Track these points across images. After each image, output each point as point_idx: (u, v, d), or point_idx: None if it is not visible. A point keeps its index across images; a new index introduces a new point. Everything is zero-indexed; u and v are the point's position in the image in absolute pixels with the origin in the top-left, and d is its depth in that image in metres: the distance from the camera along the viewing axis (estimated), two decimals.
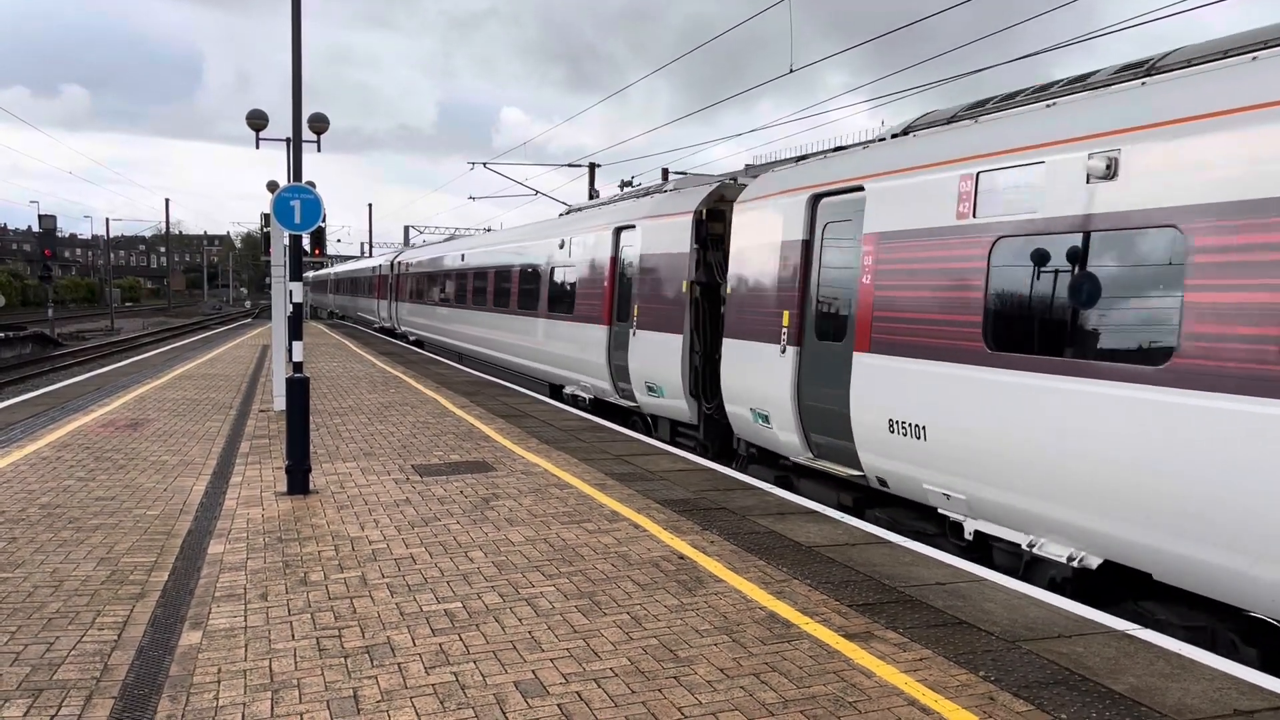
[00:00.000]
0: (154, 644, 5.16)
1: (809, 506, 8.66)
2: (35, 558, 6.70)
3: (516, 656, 5.05)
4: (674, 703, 4.51)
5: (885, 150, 9.08)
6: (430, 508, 8.41)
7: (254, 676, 4.74)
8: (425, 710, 4.39)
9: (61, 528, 7.51)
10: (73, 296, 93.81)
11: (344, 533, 7.53)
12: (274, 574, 6.43)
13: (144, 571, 6.45)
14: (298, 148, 10.44)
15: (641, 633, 5.42)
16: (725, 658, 5.07)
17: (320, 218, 9.62)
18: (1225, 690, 4.69)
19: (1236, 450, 5.38)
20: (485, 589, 6.18)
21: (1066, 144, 6.74)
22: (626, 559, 6.89)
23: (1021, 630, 5.51)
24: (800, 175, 10.30)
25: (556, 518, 8.09)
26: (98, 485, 9.10)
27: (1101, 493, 6.25)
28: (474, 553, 7.00)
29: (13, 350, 38.83)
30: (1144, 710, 4.46)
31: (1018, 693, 4.65)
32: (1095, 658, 5.09)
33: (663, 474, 10.05)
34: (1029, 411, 6.75)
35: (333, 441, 11.89)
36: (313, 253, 24.34)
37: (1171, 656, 5.12)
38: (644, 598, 6.03)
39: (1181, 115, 5.97)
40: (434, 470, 10.13)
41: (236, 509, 8.28)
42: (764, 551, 7.11)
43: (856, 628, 5.53)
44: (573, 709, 4.42)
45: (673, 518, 8.12)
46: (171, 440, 11.80)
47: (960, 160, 7.68)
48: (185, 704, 4.41)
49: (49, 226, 45.37)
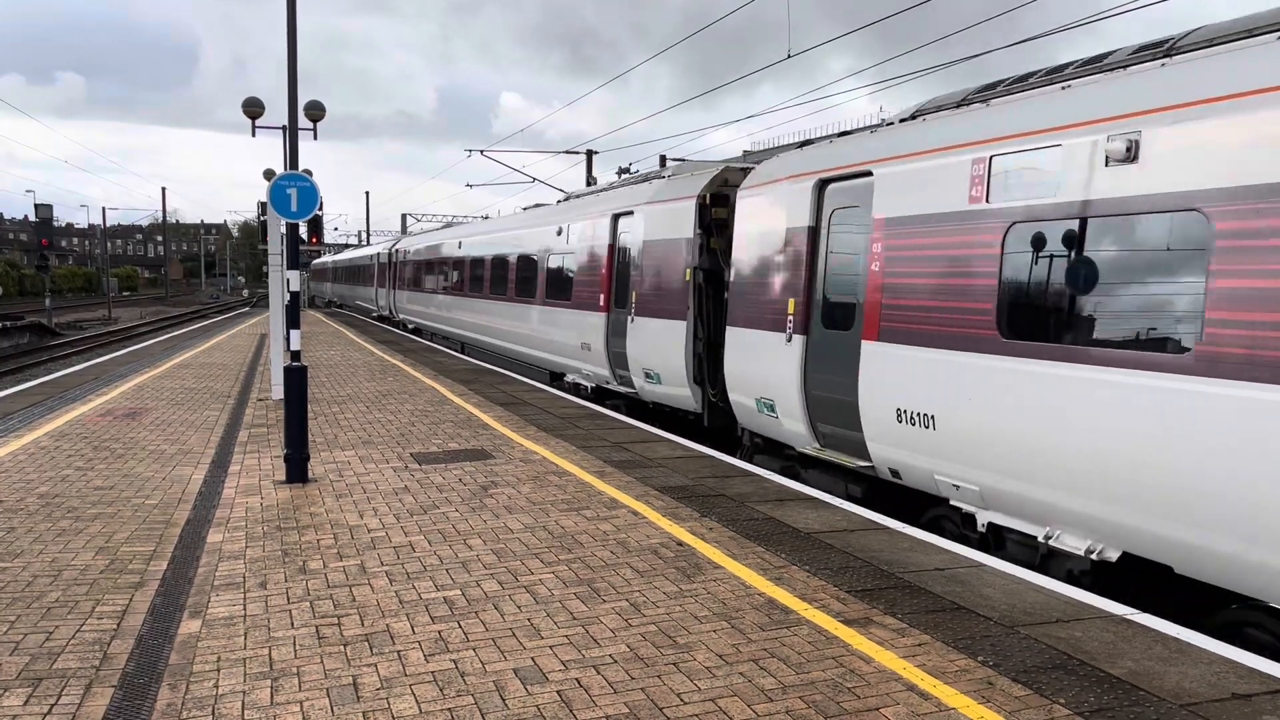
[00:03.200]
0: (153, 632, 5.16)
1: (807, 493, 8.67)
2: (34, 547, 6.70)
3: (516, 644, 5.06)
4: (673, 689, 4.52)
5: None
6: (429, 495, 8.41)
7: (253, 664, 4.74)
8: (425, 697, 4.40)
9: (60, 517, 7.51)
10: (70, 286, 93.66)
11: (343, 521, 7.53)
12: (273, 562, 6.44)
13: (143, 560, 6.45)
14: (294, 136, 10.40)
15: (640, 619, 5.43)
16: (724, 644, 5.08)
17: (317, 205, 9.59)
18: (1223, 674, 4.70)
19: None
20: (484, 576, 6.18)
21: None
22: (625, 546, 6.90)
23: (1020, 615, 5.52)
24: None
25: (555, 505, 8.09)
26: (96, 475, 9.10)
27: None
28: (473, 540, 7.01)
29: (10, 340, 38.79)
30: (1142, 694, 4.47)
31: (1016, 677, 4.66)
32: (1093, 642, 5.11)
33: (661, 461, 10.06)
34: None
35: (331, 430, 11.89)
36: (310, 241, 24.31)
37: (1169, 640, 5.13)
38: (643, 584, 6.04)
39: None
40: (433, 458, 10.13)
41: (235, 498, 8.28)
42: (763, 538, 7.11)
43: (855, 613, 5.54)
44: (572, 696, 4.43)
45: (671, 504, 8.12)
46: (170, 429, 11.79)
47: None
48: (185, 692, 4.42)
49: (45, 216, 45.27)
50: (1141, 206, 6.12)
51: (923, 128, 8.50)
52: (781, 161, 10.79)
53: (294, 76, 9.88)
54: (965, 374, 7.34)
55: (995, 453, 7.11)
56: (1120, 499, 6.17)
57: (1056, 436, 6.56)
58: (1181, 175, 5.85)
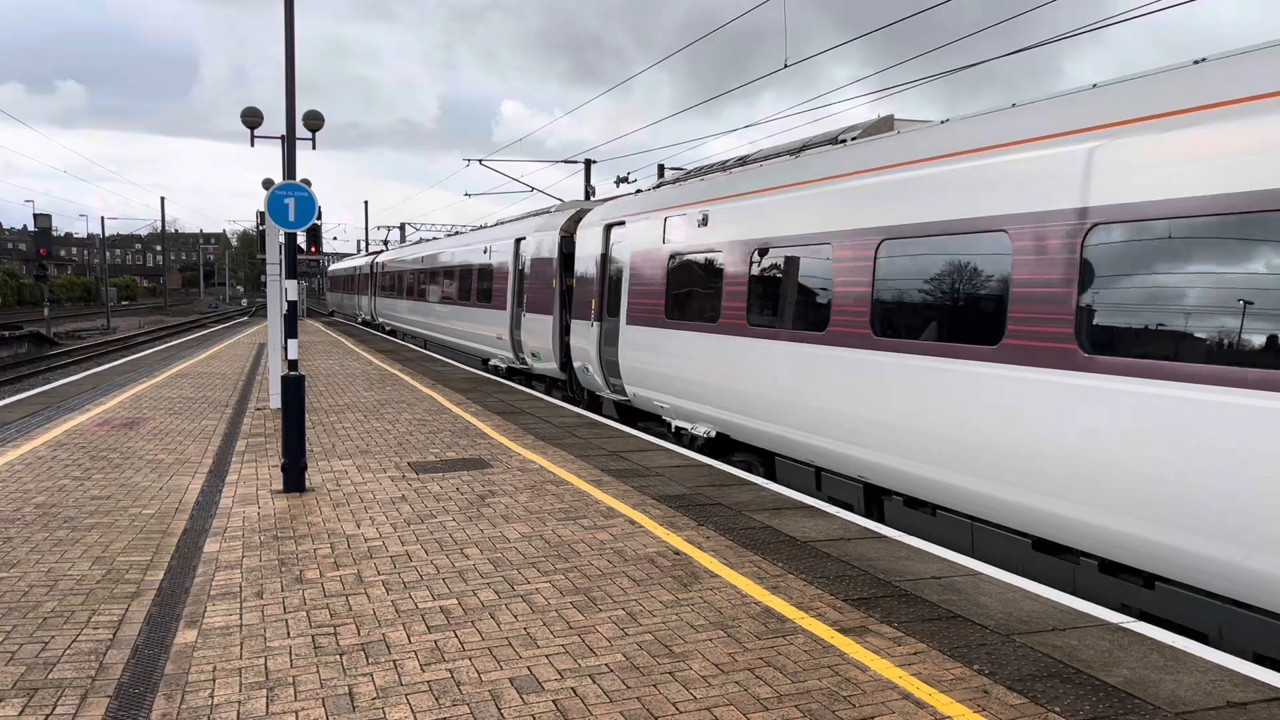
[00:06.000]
0: (149, 642, 5.16)
1: (805, 502, 8.68)
2: (30, 557, 6.70)
3: (512, 653, 5.06)
4: (669, 698, 4.52)
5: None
6: (426, 505, 8.41)
7: (249, 674, 4.74)
8: (420, 707, 4.40)
9: (57, 527, 7.51)
10: (68, 295, 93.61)
11: (340, 530, 7.53)
12: (269, 572, 6.44)
13: (139, 570, 6.45)
14: (291, 145, 10.42)
15: (637, 628, 5.43)
16: (720, 653, 5.08)
17: (315, 215, 9.61)
18: (1219, 682, 4.70)
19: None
20: (481, 586, 6.18)
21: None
22: (622, 555, 6.90)
23: (1016, 623, 5.52)
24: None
25: (552, 514, 8.10)
26: (93, 484, 9.10)
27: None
28: (470, 549, 7.01)
29: (8, 350, 38.78)
30: (1137, 702, 4.47)
31: (1012, 686, 4.66)
32: (1089, 650, 5.11)
33: (659, 470, 10.06)
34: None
35: (329, 439, 11.89)
36: (309, 250, 24.27)
37: (1165, 649, 5.14)
38: (639, 593, 6.04)
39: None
40: (430, 467, 10.14)
41: (232, 507, 8.28)
42: (759, 546, 7.12)
43: (851, 622, 5.54)
44: (568, 705, 4.43)
45: (668, 513, 8.13)
46: (167, 439, 11.79)
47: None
48: (180, 702, 4.41)
49: (44, 225, 45.20)
50: (711, 247, 11.42)
51: (652, 195, 14.09)
52: (595, 210, 16.43)
53: (292, 86, 9.92)
54: (656, 339, 12.75)
55: (676, 386, 12.28)
56: (721, 402, 11.09)
57: (680, 368, 12.04)
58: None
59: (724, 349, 10.88)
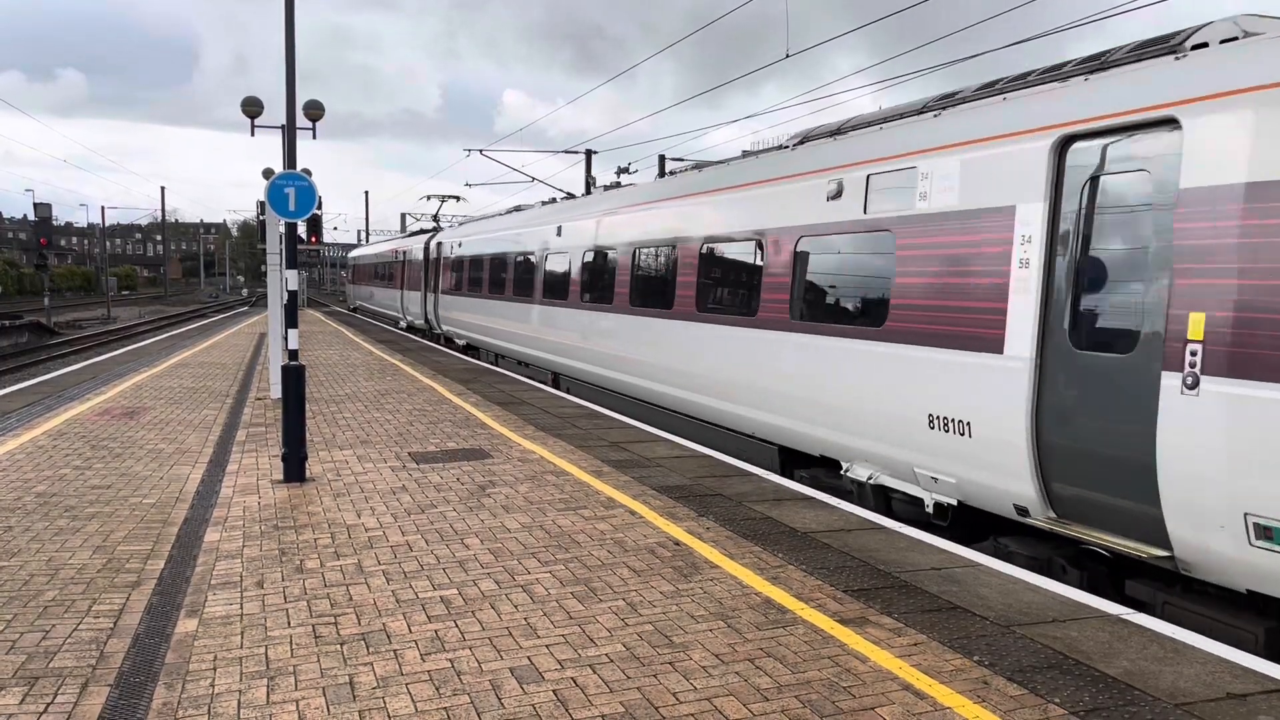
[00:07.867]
0: (150, 632, 5.17)
1: (805, 493, 8.68)
2: (31, 546, 6.70)
3: (512, 643, 5.06)
4: (669, 688, 4.52)
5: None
6: (426, 495, 8.42)
7: (250, 664, 4.75)
8: (421, 696, 4.40)
9: (57, 516, 7.52)
10: (69, 285, 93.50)
11: (340, 520, 7.53)
12: (270, 561, 6.44)
13: (140, 560, 6.45)
14: (291, 135, 10.40)
15: (637, 619, 5.44)
16: (720, 643, 5.09)
17: (315, 205, 9.59)
18: (1219, 674, 4.71)
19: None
20: (481, 576, 6.19)
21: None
22: (622, 545, 6.90)
23: (1015, 615, 5.53)
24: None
25: (553, 504, 8.10)
26: (94, 474, 9.10)
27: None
28: (470, 540, 7.01)
29: (9, 339, 38.75)
30: (1137, 694, 4.48)
31: (1011, 677, 4.67)
32: (1089, 642, 5.11)
33: (659, 460, 10.06)
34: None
35: (329, 429, 11.89)
36: (309, 240, 24.28)
37: (1165, 640, 5.14)
38: (640, 584, 6.05)
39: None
40: (430, 457, 10.14)
41: (233, 497, 8.29)
42: (759, 537, 7.12)
43: (851, 613, 5.55)
44: (568, 695, 4.44)
45: (669, 504, 8.13)
46: (168, 428, 11.80)
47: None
48: (181, 691, 4.42)
49: (44, 215, 45.21)
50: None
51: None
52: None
53: (292, 75, 9.88)
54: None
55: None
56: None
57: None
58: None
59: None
